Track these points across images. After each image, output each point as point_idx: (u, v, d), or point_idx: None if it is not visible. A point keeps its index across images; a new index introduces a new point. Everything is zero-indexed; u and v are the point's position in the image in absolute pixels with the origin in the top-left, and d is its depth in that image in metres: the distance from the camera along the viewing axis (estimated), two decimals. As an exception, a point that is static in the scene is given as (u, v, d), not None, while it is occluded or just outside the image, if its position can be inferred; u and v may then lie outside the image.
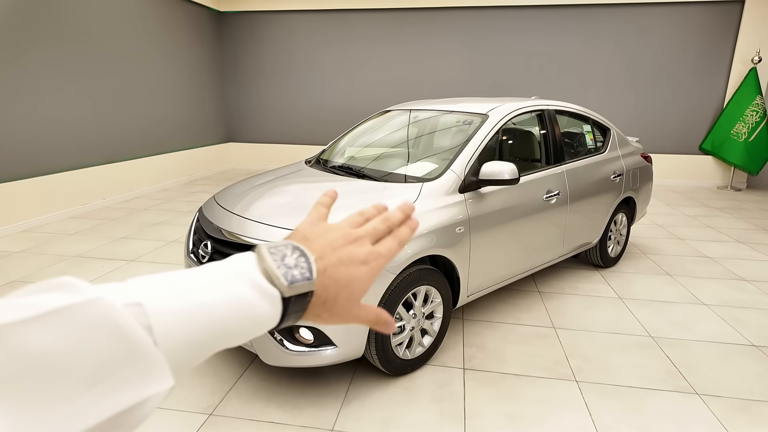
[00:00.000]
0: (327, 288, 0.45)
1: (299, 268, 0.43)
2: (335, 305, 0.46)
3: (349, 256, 0.47)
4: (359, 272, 0.47)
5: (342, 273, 0.46)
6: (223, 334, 0.38)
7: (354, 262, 0.47)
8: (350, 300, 0.47)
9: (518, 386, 2.31)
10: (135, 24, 6.17)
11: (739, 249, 4.47)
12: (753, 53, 7.06)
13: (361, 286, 0.48)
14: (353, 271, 0.47)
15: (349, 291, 0.47)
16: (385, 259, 0.50)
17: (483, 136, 2.72)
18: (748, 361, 2.57)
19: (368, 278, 0.48)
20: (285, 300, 0.42)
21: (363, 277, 0.48)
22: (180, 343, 0.35)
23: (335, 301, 0.46)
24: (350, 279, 0.47)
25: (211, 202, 2.68)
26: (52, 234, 4.59)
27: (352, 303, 0.48)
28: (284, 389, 2.27)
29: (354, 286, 0.47)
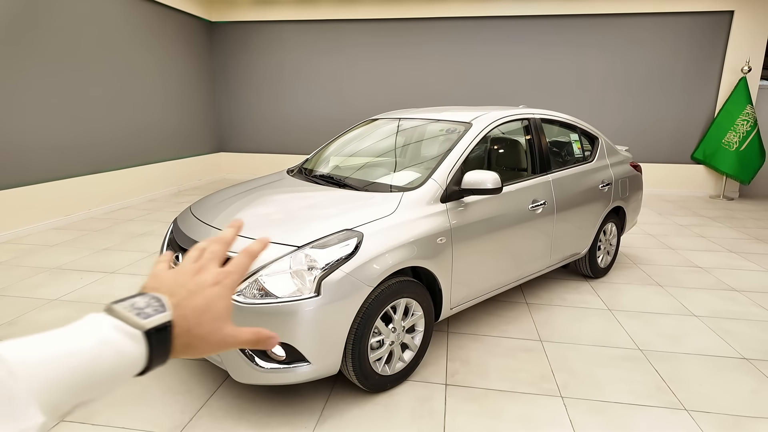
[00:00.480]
0: (186, 317, 0.48)
1: (151, 307, 0.46)
2: (202, 330, 0.48)
3: (197, 284, 0.51)
4: (213, 293, 0.51)
5: (196, 300, 0.49)
6: (93, 375, 0.40)
7: (204, 287, 0.51)
8: (216, 320, 0.50)
9: (501, 402, 2.23)
10: (124, 34, 6.13)
11: (731, 259, 4.42)
12: (742, 63, 7.08)
13: (221, 304, 0.51)
14: (206, 294, 0.50)
15: (210, 313, 0.49)
16: (236, 274, 0.54)
17: (466, 145, 2.67)
18: (739, 375, 2.50)
19: (224, 295, 0.52)
20: (148, 336, 0.44)
21: (219, 295, 0.51)
22: (48, 386, 0.37)
23: (200, 326, 0.48)
24: (206, 302, 0.50)
25: (186, 213, 2.61)
26: (32, 245, 4.50)
27: (219, 323, 0.50)
28: (258, 407, 2.18)
29: (213, 306, 0.50)
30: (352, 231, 2.12)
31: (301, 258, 1.98)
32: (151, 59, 6.73)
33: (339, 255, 2.01)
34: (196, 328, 0.48)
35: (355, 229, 2.14)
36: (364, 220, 2.19)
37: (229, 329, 0.51)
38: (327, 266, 1.97)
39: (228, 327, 0.51)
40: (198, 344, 0.48)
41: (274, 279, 1.95)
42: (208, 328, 0.49)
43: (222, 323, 0.50)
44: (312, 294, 1.93)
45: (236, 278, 0.54)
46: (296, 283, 1.95)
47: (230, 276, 0.53)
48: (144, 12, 6.51)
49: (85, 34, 5.49)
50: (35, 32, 4.84)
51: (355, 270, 2.02)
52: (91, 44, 5.60)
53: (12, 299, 3.28)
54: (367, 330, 2.10)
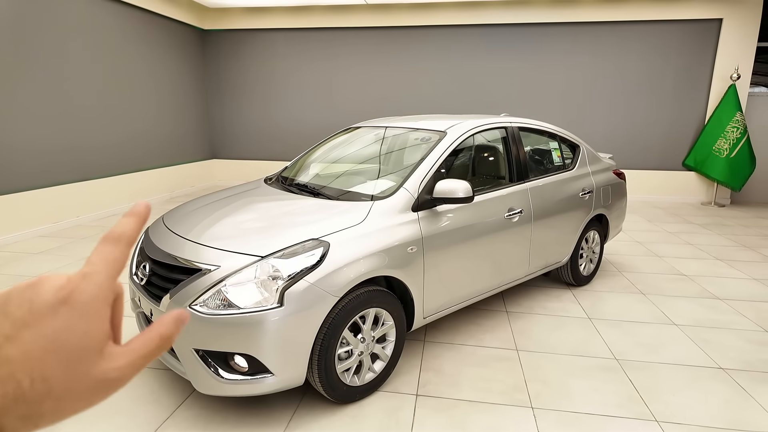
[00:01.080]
0: (12, 377, 0.29)
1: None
2: (53, 386, 0.30)
3: (29, 308, 0.30)
4: (56, 321, 0.30)
5: (28, 341, 0.29)
6: None
7: (39, 315, 0.30)
8: (71, 362, 0.30)
9: (470, 413, 2.21)
10: (116, 43, 6.16)
11: (716, 267, 4.40)
12: (731, 70, 7.09)
13: (72, 334, 0.31)
14: (44, 326, 0.30)
15: (57, 355, 0.30)
16: (100, 274, 0.33)
17: (439, 154, 2.67)
18: (714, 385, 2.48)
19: (81, 317, 0.32)
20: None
21: (66, 320, 0.31)
22: None
23: (45, 380, 0.29)
24: (48, 339, 0.30)
25: (158, 222, 2.60)
26: (16, 253, 4.49)
27: (78, 365, 0.31)
28: (224, 418, 2.16)
29: (60, 342, 0.30)
30: (318, 240, 2.11)
31: (264, 268, 1.97)
32: (143, 67, 6.76)
33: (303, 265, 2.00)
34: (39, 387, 0.29)
35: (322, 238, 2.13)
36: (332, 230, 2.18)
37: (106, 363, 0.32)
38: (290, 276, 1.96)
39: (102, 362, 0.32)
40: (55, 407, 0.30)
41: (237, 289, 1.94)
42: (62, 378, 0.30)
43: (88, 361, 0.31)
44: (275, 304, 1.92)
45: (97, 285, 0.33)
46: (259, 293, 1.94)
47: (85, 284, 0.32)
48: (136, 20, 6.54)
49: (76, 42, 5.52)
50: (26, 40, 4.86)
51: (320, 280, 2.01)
52: (82, 52, 5.62)
53: (-11, 308, 3.26)
54: (333, 340, 2.09)
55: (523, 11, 7.39)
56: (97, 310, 0.32)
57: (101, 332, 0.32)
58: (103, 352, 0.32)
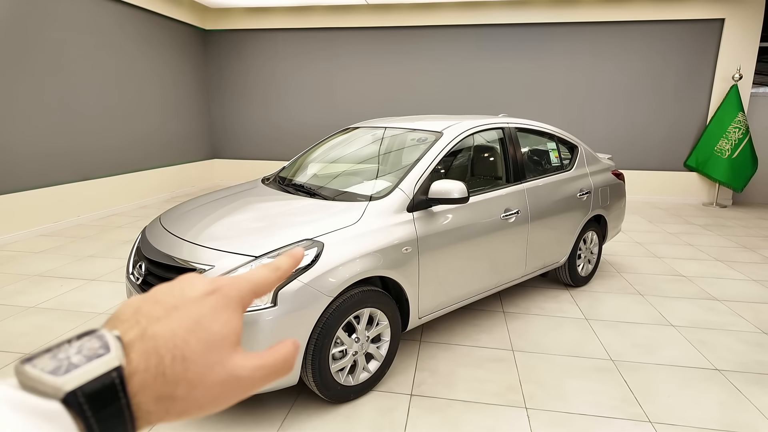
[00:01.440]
0: (157, 353, 0.30)
1: (83, 352, 0.28)
2: (190, 368, 0.31)
3: (177, 297, 0.33)
4: (204, 305, 0.33)
5: (175, 320, 0.32)
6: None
7: (190, 300, 0.33)
8: (212, 347, 0.32)
9: (464, 414, 2.21)
10: (118, 43, 6.19)
11: (716, 268, 4.39)
12: (733, 71, 7.07)
13: (220, 321, 0.33)
14: (193, 309, 0.33)
15: (201, 335, 0.32)
16: (243, 282, 0.37)
17: (435, 155, 2.67)
18: (709, 386, 2.47)
19: (223, 307, 0.34)
20: (76, 404, 0.26)
21: (213, 308, 0.33)
22: None
23: (184, 360, 0.31)
24: (193, 320, 0.32)
25: (155, 222, 2.62)
26: (18, 252, 4.52)
27: (218, 352, 0.32)
28: (219, 417, 2.18)
29: (205, 324, 0.32)
30: (312, 241, 2.12)
31: (258, 268, 1.98)
32: (145, 67, 6.79)
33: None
34: (180, 365, 0.30)
35: (316, 238, 2.14)
36: (327, 230, 2.19)
37: (239, 359, 0.33)
38: (284, 276, 1.96)
39: (236, 356, 0.33)
40: (188, 394, 0.31)
41: (231, 289, 1.95)
42: (200, 362, 0.31)
43: (225, 350, 0.33)
44: (268, 304, 1.93)
45: (243, 287, 0.36)
46: (253, 293, 1.94)
47: (235, 284, 0.36)
48: (138, 20, 6.57)
49: (78, 42, 5.55)
50: (28, 40, 4.90)
51: (314, 280, 2.02)
52: (84, 52, 5.65)
53: (-11, 307, 3.29)
54: (327, 340, 2.10)
55: (524, 11, 7.38)
56: (239, 306, 0.36)
57: (238, 327, 0.35)
58: (237, 348, 0.34)
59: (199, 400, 0.31)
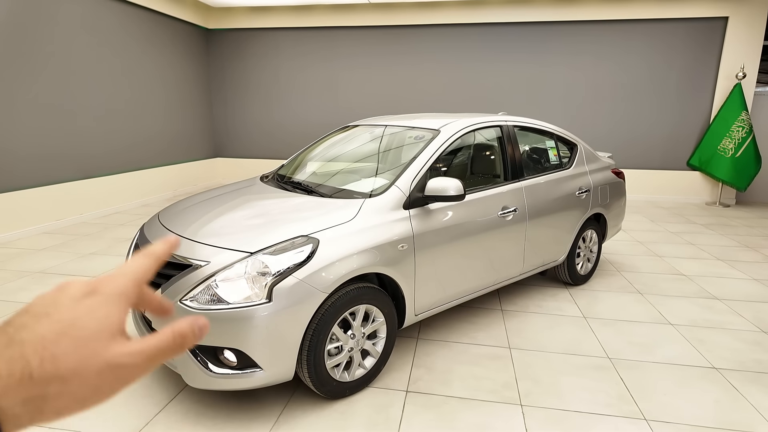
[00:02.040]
0: (21, 356, 0.30)
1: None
2: (60, 366, 0.31)
3: (53, 302, 0.33)
4: (80, 308, 0.33)
5: (45, 325, 0.31)
6: None
7: (63, 306, 0.33)
8: (87, 342, 0.32)
9: (459, 411, 2.22)
10: (120, 42, 6.22)
11: (717, 267, 4.37)
12: (737, 69, 7.03)
13: (97, 316, 0.33)
14: (65, 313, 0.32)
15: (71, 335, 0.31)
16: (125, 278, 0.37)
17: (432, 152, 2.68)
18: (706, 384, 2.47)
19: (102, 305, 0.34)
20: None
21: (91, 308, 0.33)
22: None
23: (54, 359, 0.30)
24: (67, 322, 0.32)
25: (153, 219, 2.64)
26: (20, 249, 4.56)
27: (94, 344, 0.32)
28: (215, 412, 2.19)
29: (79, 324, 0.32)
30: (308, 237, 2.13)
31: (254, 264, 2.00)
32: (148, 66, 6.82)
33: (292, 261, 2.02)
34: (48, 366, 0.30)
35: (312, 235, 2.15)
36: (322, 227, 2.20)
37: (119, 347, 0.33)
38: (278, 273, 1.98)
39: (116, 345, 0.33)
40: (62, 391, 0.31)
41: (226, 285, 1.96)
42: (72, 358, 0.31)
43: (101, 343, 0.32)
44: (263, 300, 1.94)
45: (123, 283, 0.36)
46: (248, 289, 1.96)
47: (114, 281, 0.36)
48: (140, 20, 6.61)
49: (81, 41, 5.58)
50: (30, 39, 4.93)
51: (309, 276, 2.03)
52: (87, 51, 5.69)
53: (-9, 303, 3.32)
54: (323, 336, 2.11)
55: (526, 10, 7.37)
56: (120, 301, 0.35)
57: (119, 320, 0.34)
58: (115, 338, 0.34)
59: (77, 393, 0.31)
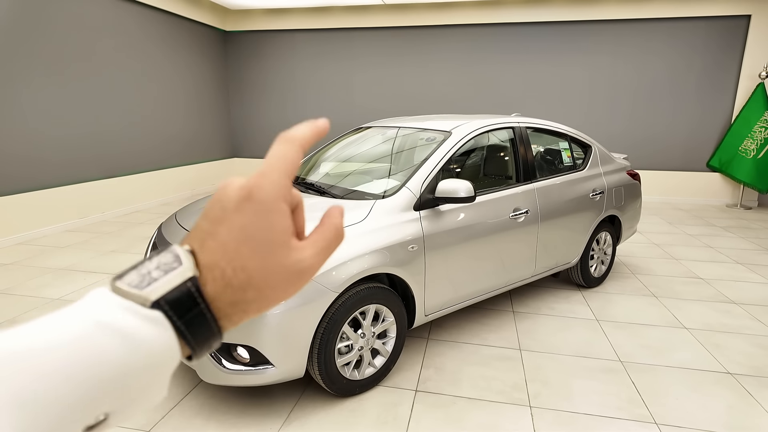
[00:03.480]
0: (216, 265, 0.32)
1: (161, 267, 0.32)
2: (252, 275, 0.33)
3: (221, 208, 0.34)
4: (244, 216, 0.33)
5: (223, 233, 0.33)
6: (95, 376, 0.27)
7: (229, 212, 0.33)
8: (263, 254, 0.33)
9: (468, 411, 2.24)
10: (141, 44, 6.37)
11: (736, 270, 4.29)
12: (760, 68, 6.87)
13: (259, 227, 0.33)
14: (234, 220, 0.33)
15: (249, 245, 0.33)
16: (270, 175, 0.34)
17: (443, 154, 2.70)
18: (719, 389, 2.44)
19: (260, 212, 0.33)
20: (166, 312, 0.30)
21: (252, 215, 0.33)
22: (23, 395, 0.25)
23: (244, 269, 0.33)
24: (238, 230, 0.33)
25: (171, 219, 2.71)
26: (45, 246, 4.71)
27: (270, 256, 0.33)
28: (228, 407, 2.25)
29: (249, 233, 0.33)
30: (319, 238, 2.17)
31: (266, 263, 2.04)
32: (167, 68, 6.97)
33: (304, 261, 2.06)
34: (241, 275, 0.33)
35: (323, 236, 2.19)
36: (334, 228, 2.24)
37: (296, 253, 0.35)
38: (290, 272, 2.02)
39: (292, 253, 0.34)
40: (258, 296, 0.34)
41: (239, 283, 2.01)
42: (259, 269, 0.33)
43: (278, 254, 0.34)
44: (275, 299, 1.99)
45: (272, 184, 0.34)
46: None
47: (266, 183, 0.34)
48: (160, 22, 6.75)
49: (102, 44, 5.74)
50: (53, 43, 5.09)
51: (320, 275, 2.07)
52: (108, 54, 5.84)
53: (17, 298, 3.45)
54: (333, 335, 2.15)
55: (542, 10, 7.32)
56: (277, 204, 0.34)
57: (284, 226, 0.34)
58: (290, 245, 0.34)
59: (271, 297, 0.34)
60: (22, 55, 4.78)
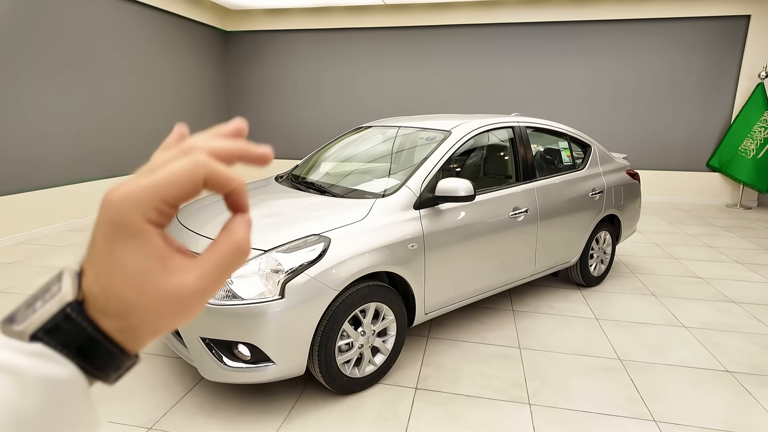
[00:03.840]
0: (92, 290, 0.29)
1: (44, 296, 0.29)
2: (128, 303, 0.30)
3: (96, 227, 0.30)
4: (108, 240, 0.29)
5: (95, 258, 0.30)
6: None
7: (97, 235, 0.30)
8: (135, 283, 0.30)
9: (467, 408, 2.25)
10: (141, 44, 6.39)
11: (735, 270, 4.30)
12: (759, 69, 6.88)
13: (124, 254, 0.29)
14: (101, 244, 0.30)
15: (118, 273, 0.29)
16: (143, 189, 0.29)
17: (442, 153, 2.71)
18: (718, 388, 2.45)
19: (123, 237, 0.29)
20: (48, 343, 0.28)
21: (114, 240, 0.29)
22: None
23: (117, 298, 0.29)
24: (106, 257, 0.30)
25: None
26: (46, 246, 4.72)
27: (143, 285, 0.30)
28: (229, 405, 2.26)
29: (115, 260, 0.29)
30: (320, 236, 2.19)
31: (267, 261, 2.06)
32: (167, 68, 6.99)
33: (304, 259, 2.08)
34: (116, 304, 0.29)
35: (324, 234, 2.20)
36: (334, 226, 2.26)
37: (177, 277, 0.31)
38: (291, 270, 2.04)
39: (170, 278, 0.30)
40: (143, 322, 0.30)
41: (241, 281, 2.03)
42: (133, 297, 0.29)
43: (152, 282, 0.30)
44: (276, 296, 2.00)
45: (153, 184, 0.29)
46: (262, 285, 2.02)
47: (134, 186, 0.29)
48: (160, 22, 6.77)
49: (103, 44, 5.75)
50: (53, 43, 5.10)
51: (321, 274, 2.08)
52: (109, 54, 5.85)
53: (18, 297, 3.46)
54: (333, 333, 2.16)
55: (541, 10, 7.33)
56: (139, 226, 0.29)
57: (153, 248, 0.30)
58: (166, 268, 0.30)
59: (158, 322, 0.31)
60: (23, 55, 4.80)
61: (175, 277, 0.31)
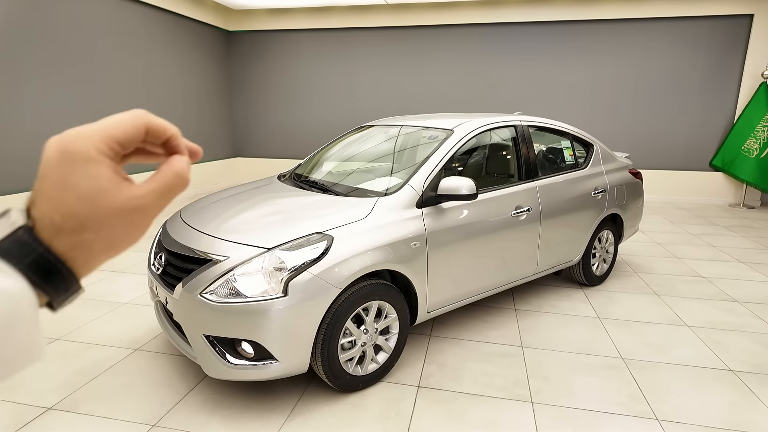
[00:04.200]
0: (46, 214, 0.34)
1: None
2: (83, 220, 0.34)
3: (45, 164, 0.35)
4: (61, 168, 0.35)
5: (47, 187, 0.35)
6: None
7: (49, 167, 0.35)
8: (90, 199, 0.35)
9: (469, 406, 2.25)
10: (142, 44, 6.41)
11: (738, 269, 4.30)
12: (762, 68, 6.86)
13: (80, 176, 0.35)
14: (54, 173, 0.35)
15: (72, 194, 0.34)
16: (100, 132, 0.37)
17: (445, 152, 2.71)
18: (720, 386, 2.45)
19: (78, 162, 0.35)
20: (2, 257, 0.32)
21: (68, 166, 0.35)
22: None
23: (73, 216, 0.34)
24: (59, 183, 0.35)
25: (175, 216, 2.74)
26: (49, 245, 4.74)
27: (98, 200, 0.35)
28: (233, 402, 2.27)
29: (71, 183, 0.35)
30: (322, 234, 2.19)
31: (271, 259, 2.07)
32: (170, 68, 7.00)
33: (307, 257, 2.09)
34: (72, 221, 0.34)
35: (327, 232, 2.21)
36: (337, 224, 2.26)
37: (127, 192, 0.37)
38: (294, 268, 2.04)
39: (123, 192, 0.36)
40: (97, 236, 0.36)
41: (244, 279, 2.04)
42: (88, 213, 0.35)
43: (106, 196, 0.35)
44: (279, 294, 2.01)
45: (105, 127, 0.37)
46: (265, 283, 2.03)
47: (90, 128, 0.36)
48: (162, 22, 6.79)
49: (105, 43, 5.77)
50: (54, 42, 5.13)
51: (324, 272, 2.09)
52: (111, 53, 5.87)
53: (23, 295, 3.48)
54: (336, 330, 2.17)
55: (544, 9, 7.33)
56: (92, 154, 0.35)
57: (105, 173, 0.36)
58: (118, 187, 0.36)
59: (112, 236, 0.36)
60: (23, 54, 4.82)
61: (127, 191, 0.36)
